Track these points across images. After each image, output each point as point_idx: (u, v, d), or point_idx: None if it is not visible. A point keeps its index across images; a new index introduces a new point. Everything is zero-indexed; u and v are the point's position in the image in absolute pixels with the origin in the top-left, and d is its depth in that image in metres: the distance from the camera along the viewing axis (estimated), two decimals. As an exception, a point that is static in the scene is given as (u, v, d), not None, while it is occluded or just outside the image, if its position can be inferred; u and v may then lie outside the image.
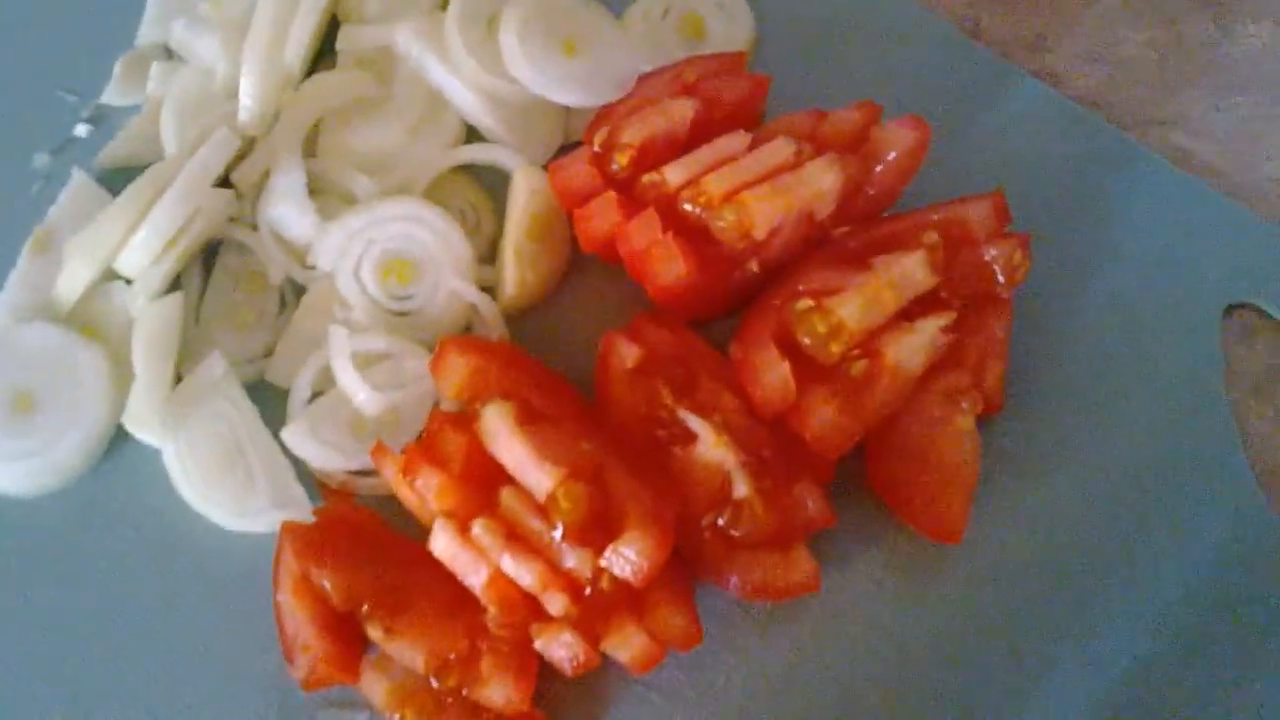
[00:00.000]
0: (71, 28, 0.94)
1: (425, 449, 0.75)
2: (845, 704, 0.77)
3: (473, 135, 0.90)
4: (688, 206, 0.81)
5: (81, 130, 0.90)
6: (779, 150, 0.82)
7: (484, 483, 0.74)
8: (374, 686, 0.74)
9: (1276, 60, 0.99)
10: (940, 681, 0.77)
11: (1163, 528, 0.82)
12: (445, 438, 0.75)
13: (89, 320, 0.82)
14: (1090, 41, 1.01)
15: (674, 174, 0.82)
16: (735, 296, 0.85)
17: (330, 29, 0.91)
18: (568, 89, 0.87)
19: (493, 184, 0.89)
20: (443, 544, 0.73)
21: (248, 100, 0.85)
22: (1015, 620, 0.79)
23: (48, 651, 0.76)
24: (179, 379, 0.81)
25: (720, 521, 0.77)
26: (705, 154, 0.82)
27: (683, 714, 0.76)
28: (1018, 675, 0.78)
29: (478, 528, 0.72)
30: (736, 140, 0.83)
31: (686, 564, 0.76)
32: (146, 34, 0.92)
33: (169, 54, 0.91)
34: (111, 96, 0.90)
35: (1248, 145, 0.96)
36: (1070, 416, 0.84)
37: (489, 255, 0.87)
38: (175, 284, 0.84)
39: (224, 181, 0.85)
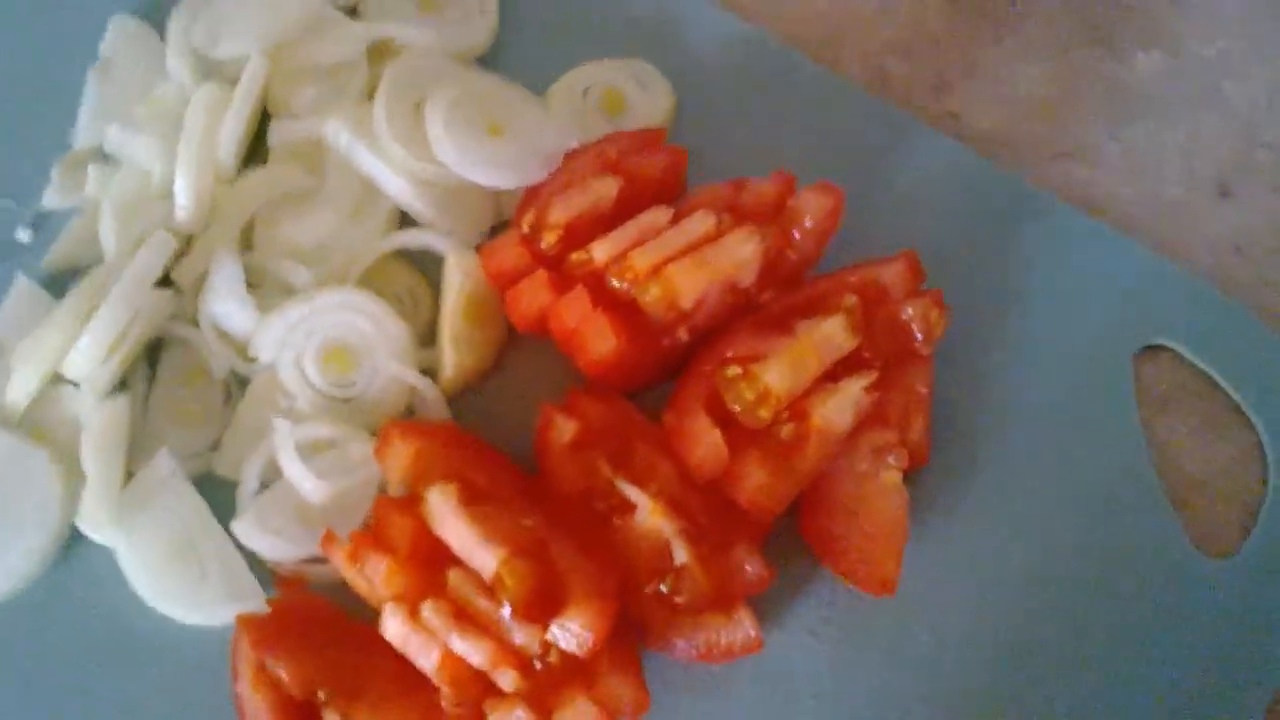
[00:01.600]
0: (6, 133, 0.93)
1: (372, 535, 0.76)
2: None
3: (406, 220, 0.90)
4: (615, 282, 0.82)
5: (23, 235, 0.90)
6: (700, 223, 0.84)
7: (431, 564, 0.75)
8: (333, 771, 0.75)
9: (1168, 87, 1.02)
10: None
11: (1090, 565, 0.84)
12: (391, 523, 0.76)
13: (38, 424, 0.82)
14: (991, 81, 1.03)
15: (600, 251, 0.83)
16: (666, 365, 0.86)
17: (261, 123, 0.91)
18: (495, 171, 0.88)
19: (427, 266, 0.89)
20: (393, 628, 0.74)
21: (183, 200, 0.86)
22: (952, 667, 0.81)
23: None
24: (129, 476, 0.81)
25: (663, 589, 0.78)
26: (630, 230, 0.84)
27: (636, 778, 0.77)
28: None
29: (426, 610, 0.73)
30: (659, 215, 0.85)
31: (632, 631, 0.77)
32: (82, 138, 0.92)
33: (105, 157, 0.91)
34: (51, 200, 0.90)
35: (1146, 171, 0.99)
36: (995, 464, 0.86)
37: (429, 337, 0.87)
38: (122, 384, 0.83)
39: (165, 279, 0.85)
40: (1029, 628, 0.82)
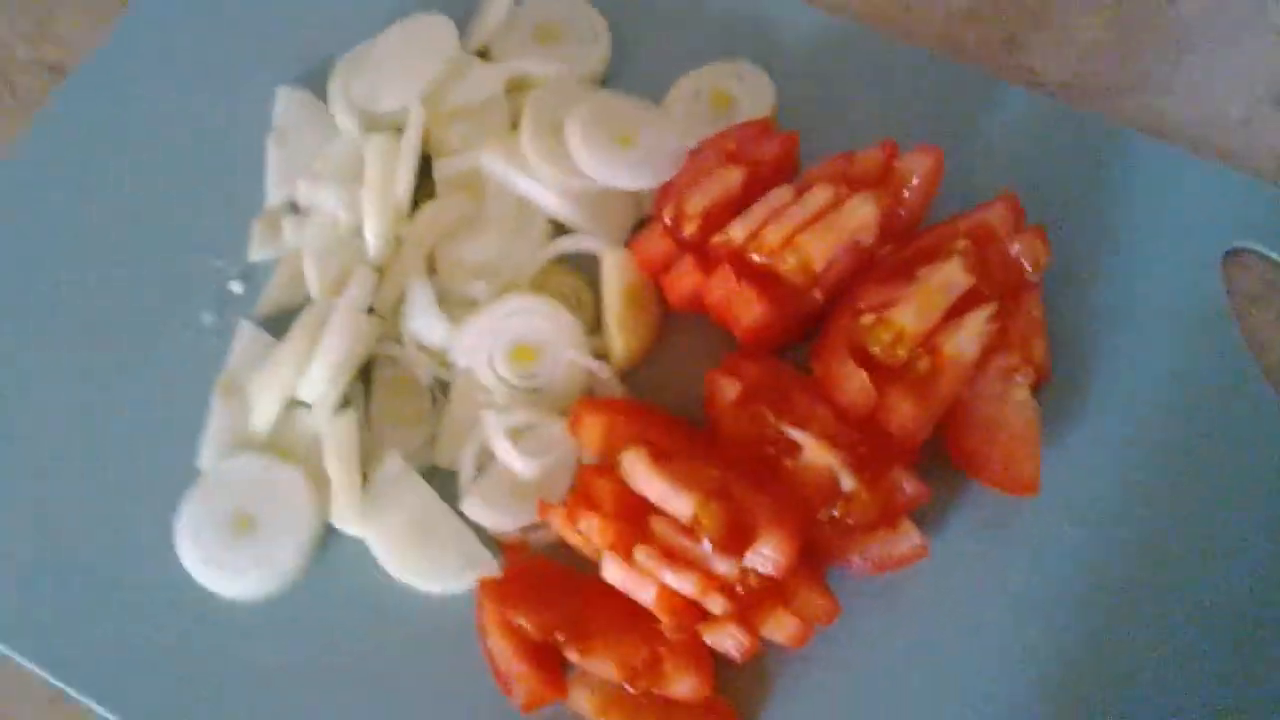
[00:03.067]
0: (208, 202, 1.05)
1: (581, 498, 0.87)
2: (966, 645, 0.88)
3: (561, 230, 1.01)
4: (755, 257, 0.93)
5: (236, 287, 1.02)
6: (820, 195, 0.94)
7: (635, 516, 0.86)
8: (581, 699, 0.86)
9: (1217, 17, 1.10)
10: (1038, 615, 0.89)
11: (1197, 445, 0.93)
12: (595, 486, 0.87)
13: (282, 444, 0.94)
14: (1056, 31, 1.12)
15: (738, 231, 0.93)
16: (806, 323, 0.96)
17: (424, 162, 1.03)
18: (630, 175, 0.99)
19: (585, 267, 1.00)
20: (613, 572, 0.85)
21: (372, 238, 0.98)
22: (1094, 554, 0.90)
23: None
24: (365, 478, 0.93)
25: (835, 514, 0.88)
26: (760, 209, 0.94)
27: (833, 676, 0.87)
28: (1110, 606, 0.89)
29: (639, 553, 0.84)
30: (783, 193, 0.95)
31: (815, 554, 0.88)
32: (272, 196, 1.04)
33: (296, 210, 1.03)
34: (255, 254, 1.02)
35: (1208, 96, 1.07)
36: (1109, 373, 0.96)
37: (595, 327, 0.98)
38: (345, 401, 0.95)
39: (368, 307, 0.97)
40: (1155, 515, 0.91)
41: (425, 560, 0.90)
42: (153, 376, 0.98)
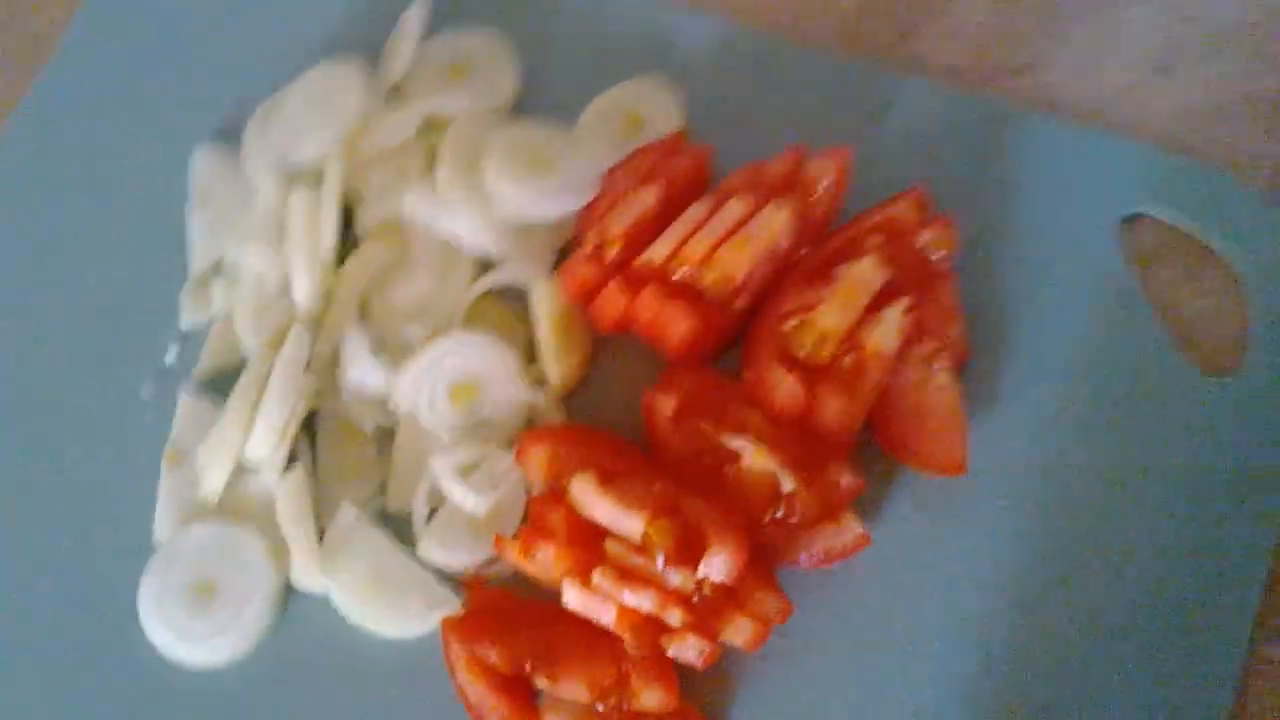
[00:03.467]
0: (133, 275, 1.06)
1: (534, 529, 0.89)
2: (913, 623, 0.92)
3: (487, 265, 1.03)
4: (677, 274, 0.95)
5: (170, 357, 1.03)
6: (735, 208, 0.96)
7: (588, 541, 0.88)
8: (554, 723, 0.89)
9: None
10: (978, 588, 0.92)
11: (1111, 405, 0.97)
12: (547, 516, 0.89)
13: (234, 508, 0.95)
14: (945, 18, 1.15)
15: (659, 251, 0.95)
16: (731, 333, 0.98)
17: (346, 212, 1.04)
18: (550, 204, 1.01)
19: (514, 298, 1.02)
20: (573, 597, 0.87)
21: (301, 295, 0.99)
22: (1027, 523, 0.94)
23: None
24: (320, 532, 0.94)
25: (779, 514, 0.91)
26: (678, 227, 0.96)
27: (791, 669, 0.90)
28: (1045, 575, 0.92)
29: (596, 577, 0.86)
30: (699, 209, 0.97)
31: (762, 556, 0.91)
32: (198, 263, 1.04)
33: (222, 273, 1.04)
34: (186, 322, 1.03)
35: (1094, 67, 1.11)
36: (1024, 348, 0.99)
37: (531, 356, 1.00)
38: (290, 457, 0.97)
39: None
40: (1081, 484, 0.95)
41: (387, 607, 0.91)
42: (97, 454, 0.99)
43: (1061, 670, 0.90)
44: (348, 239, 1.04)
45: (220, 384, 1.01)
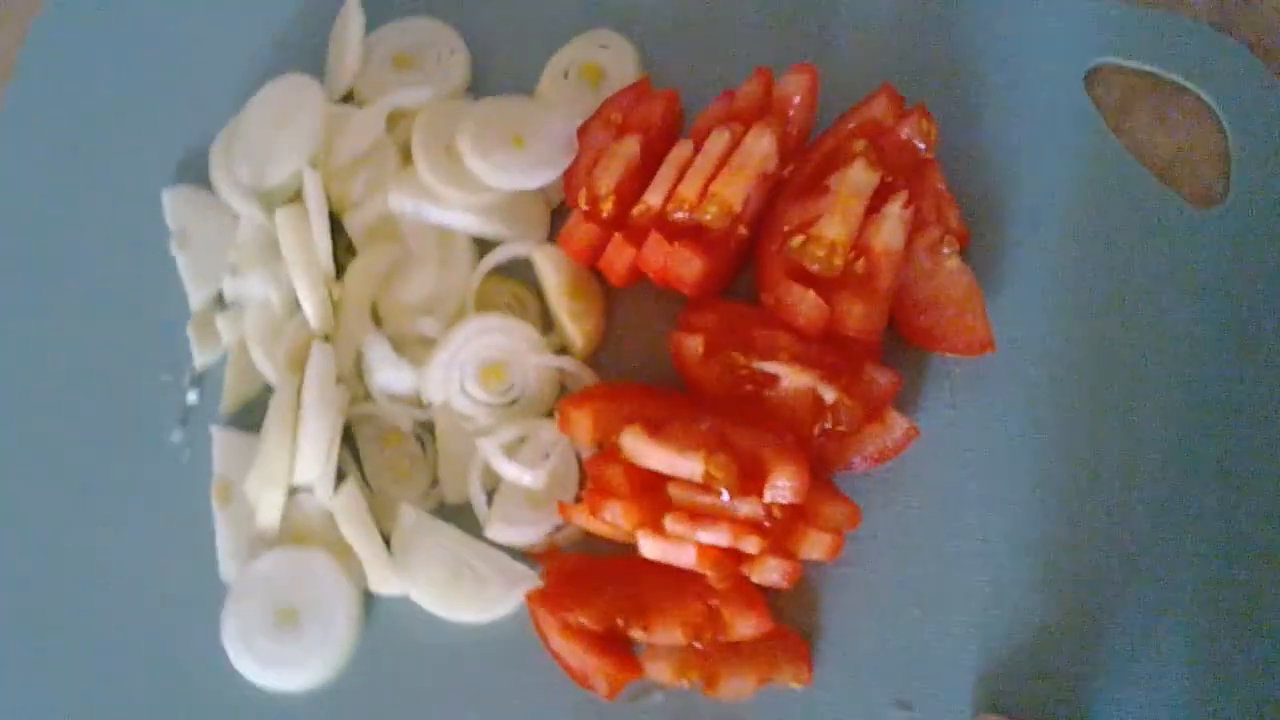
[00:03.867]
0: (134, 322, 1.05)
1: (597, 489, 0.90)
2: (969, 496, 0.95)
3: (484, 244, 1.03)
4: (677, 215, 0.96)
5: (192, 397, 1.02)
6: (719, 140, 0.97)
7: (651, 490, 0.89)
8: (658, 669, 0.90)
9: None
10: (1025, 450, 0.95)
11: (1121, 262, 1.00)
12: (606, 474, 0.90)
13: (294, 532, 0.95)
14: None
15: (654, 197, 0.96)
16: (737, 260, 1.00)
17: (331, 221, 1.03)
18: (532, 174, 1.01)
19: (518, 272, 1.02)
20: (650, 547, 0.88)
21: (310, 311, 0.98)
22: (1056, 385, 0.97)
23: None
24: (386, 538, 0.95)
25: (826, 426, 0.93)
26: (668, 170, 0.97)
27: (868, 569, 0.93)
28: (1083, 423, 0.96)
29: (669, 522, 0.87)
30: (684, 149, 0.98)
31: (819, 468, 0.93)
32: (195, 298, 1.04)
33: (222, 304, 1.04)
34: (199, 360, 1.02)
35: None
36: (1019, 218, 1.02)
37: (547, 326, 1.01)
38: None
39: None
40: (1099, 330, 0.98)
41: (468, 595, 0.93)
42: (145, 505, 0.99)
43: (1112, 518, 0.94)
44: (338, 246, 1.02)
45: (247, 414, 1.00)
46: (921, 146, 0.99)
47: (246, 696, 0.93)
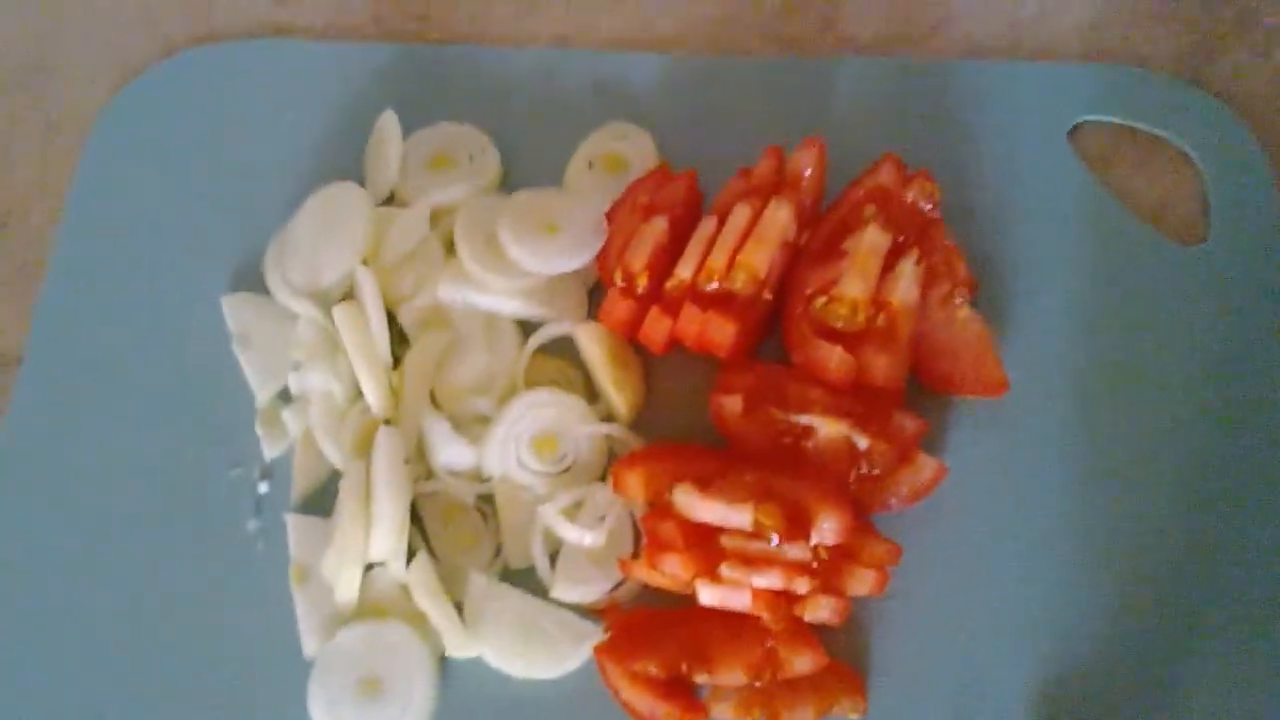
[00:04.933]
0: (197, 424, 1.10)
1: (654, 544, 0.96)
2: (998, 529, 1.01)
3: (528, 326, 1.10)
4: (707, 286, 1.03)
5: (264, 487, 1.08)
6: (741, 214, 1.04)
7: (704, 542, 0.95)
8: (722, 710, 0.95)
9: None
10: (1043, 479, 1.02)
11: (1118, 301, 1.07)
12: (661, 530, 0.96)
13: (372, 606, 1.01)
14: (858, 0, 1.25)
15: (686, 270, 1.03)
16: (765, 323, 1.07)
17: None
18: (567, 258, 1.07)
19: (562, 349, 1.09)
20: (708, 594, 0.94)
21: (372, 399, 1.04)
22: (1068, 417, 1.03)
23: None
24: (458, 605, 1.00)
25: (862, 471, 0.99)
26: (696, 245, 1.04)
27: (913, 601, 0.99)
28: (1102, 454, 1.02)
29: (725, 570, 0.93)
30: (709, 224, 1.05)
31: (859, 512, 0.98)
32: (261, 395, 1.10)
33: (285, 398, 1.10)
34: (269, 452, 1.08)
35: (1003, 4, 1.21)
36: (1021, 268, 1.09)
37: (592, 396, 1.07)
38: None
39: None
40: (1103, 364, 1.05)
41: (539, 653, 0.98)
42: (224, 594, 1.04)
43: (1138, 537, 1.00)
44: (391, 338, 1.09)
45: (315, 500, 1.06)
46: (927, 207, 1.06)
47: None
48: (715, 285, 1.02)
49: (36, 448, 1.11)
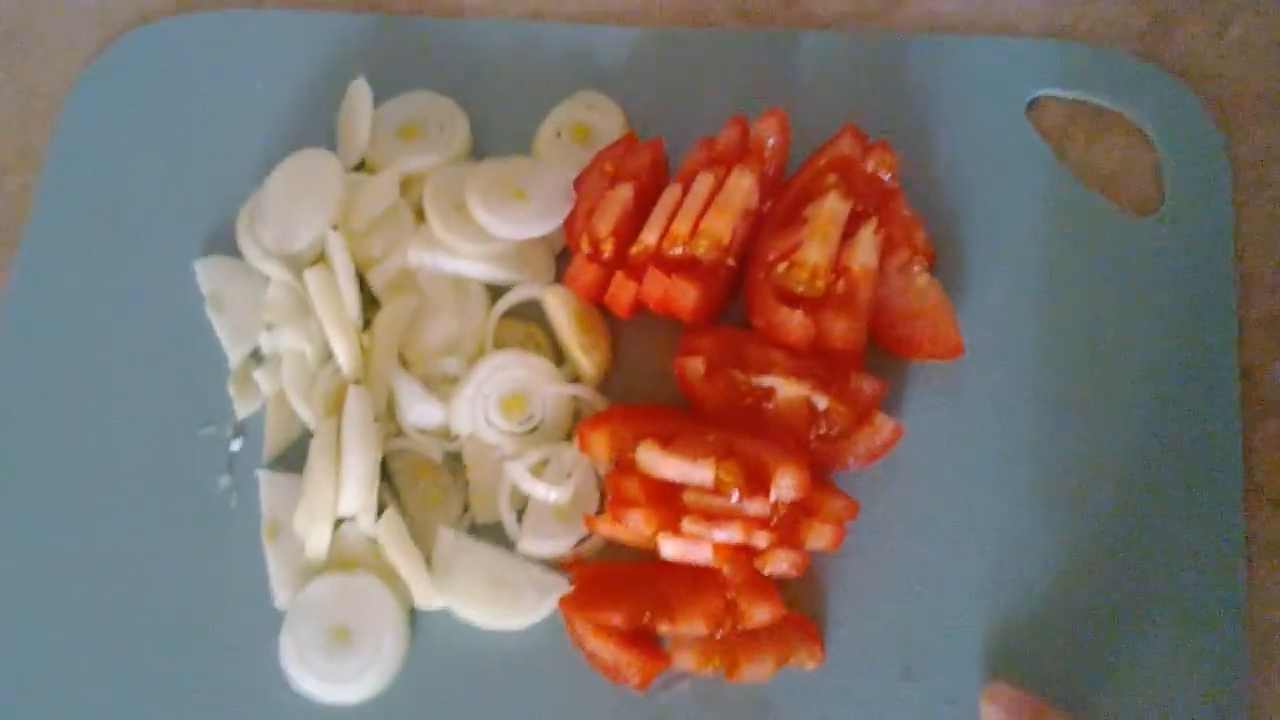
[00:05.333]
0: (170, 383, 1.12)
1: (617, 501, 0.98)
2: (953, 486, 1.04)
3: (495, 289, 1.12)
4: (672, 251, 1.05)
5: (236, 445, 1.10)
6: (704, 182, 1.06)
7: (667, 498, 0.97)
8: (684, 659, 0.97)
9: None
10: (996, 440, 1.05)
11: (1073, 271, 1.10)
12: (625, 486, 0.98)
13: (342, 559, 1.03)
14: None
15: (650, 236, 1.05)
16: (728, 289, 1.09)
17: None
18: (535, 224, 1.09)
19: (527, 312, 1.11)
20: (670, 548, 0.96)
21: (343, 359, 1.06)
22: (1019, 382, 1.07)
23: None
24: (427, 558, 1.02)
25: (821, 431, 1.02)
26: (660, 212, 1.06)
27: (869, 557, 1.01)
28: (1052, 418, 1.05)
29: (686, 524, 0.95)
30: (673, 191, 1.07)
31: (818, 470, 1.01)
32: (233, 356, 1.11)
33: (256, 359, 1.12)
34: (242, 411, 1.10)
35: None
36: (978, 237, 1.12)
37: (559, 358, 1.09)
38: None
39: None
40: (1058, 330, 1.08)
41: (506, 605, 1.00)
42: (197, 548, 1.06)
43: (1083, 500, 1.03)
44: (361, 301, 1.10)
45: (287, 457, 1.08)
46: (886, 177, 1.09)
47: (305, 713, 0.99)
48: (679, 251, 1.04)
49: (13, 406, 1.13)
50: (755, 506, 0.95)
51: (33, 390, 1.13)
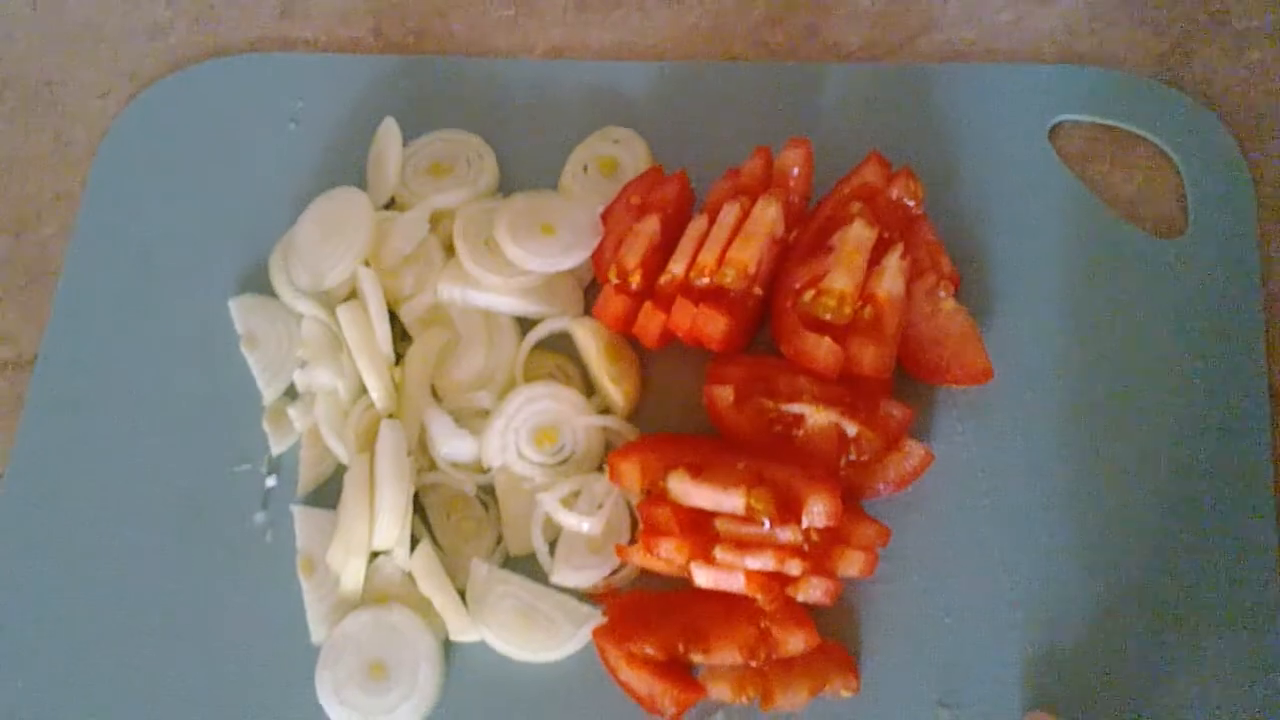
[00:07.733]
0: (214, 421, 1.12)
1: (649, 530, 0.97)
2: (984, 513, 1.02)
3: (526, 324, 1.12)
4: (699, 282, 1.04)
5: (271, 481, 1.10)
6: (730, 212, 1.06)
7: (699, 527, 0.96)
8: (718, 689, 0.96)
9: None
10: (1027, 466, 1.03)
11: (1099, 297, 1.09)
12: (657, 516, 0.97)
13: (377, 593, 1.02)
14: (843, 7, 1.26)
15: (678, 267, 1.05)
16: (756, 318, 1.08)
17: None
18: (563, 257, 1.09)
19: (559, 345, 1.11)
20: (703, 577, 0.95)
21: (376, 395, 1.06)
22: (1048, 406, 1.05)
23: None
24: (461, 591, 1.02)
25: (851, 457, 1.01)
26: (688, 243, 1.06)
27: (900, 583, 1.00)
28: (1083, 440, 1.04)
29: (719, 553, 0.94)
30: (700, 222, 1.07)
31: (849, 496, 1.00)
32: (268, 393, 1.11)
33: (294, 396, 1.11)
34: (276, 448, 1.10)
35: (978, 10, 1.24)
36: (1004, 262, 1.11)
37: (589, 389, 1.09)
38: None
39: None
40: (1084, 353, 1.07)
41: (540, 636, 0.99)
42: (237, 582, 1.06)
43: (1116, 524, 1.01)
44: (393, 336, 1.10)
45: (321, 493, 1.08)
46: (911, 204, 1.08)
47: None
48: (706, 281, 1.04)
49: (51, 446, 1.13)
50: (787, 534, 0.94)
51: (71, 430, 1.14)
